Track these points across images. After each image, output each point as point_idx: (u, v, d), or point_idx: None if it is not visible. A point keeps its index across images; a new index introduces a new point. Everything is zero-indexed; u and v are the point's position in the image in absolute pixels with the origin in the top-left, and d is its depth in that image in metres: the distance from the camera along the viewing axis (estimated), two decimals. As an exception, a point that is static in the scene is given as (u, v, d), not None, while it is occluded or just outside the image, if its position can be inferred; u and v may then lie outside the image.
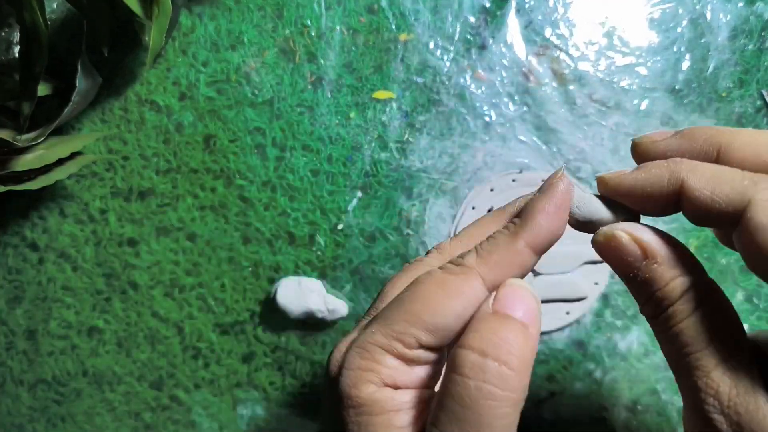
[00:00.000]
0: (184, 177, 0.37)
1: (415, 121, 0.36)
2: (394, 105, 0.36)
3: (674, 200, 0.18)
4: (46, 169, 0.34)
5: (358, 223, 0.36)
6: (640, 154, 0.20)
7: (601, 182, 0.20)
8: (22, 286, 0.37)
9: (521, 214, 0.19)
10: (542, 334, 0.35)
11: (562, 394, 0.35)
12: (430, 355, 0.18)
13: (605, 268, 0.35)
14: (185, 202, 0.37)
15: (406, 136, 0.36)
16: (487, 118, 0.36)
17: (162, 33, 0.33)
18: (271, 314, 0.36)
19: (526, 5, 0.36)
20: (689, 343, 0.17)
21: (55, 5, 0.37)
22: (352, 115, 0.36)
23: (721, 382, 0.17)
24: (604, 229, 0.19)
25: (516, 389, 0.17)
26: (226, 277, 0.36)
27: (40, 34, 0.30)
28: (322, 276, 0.36)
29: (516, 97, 0.36)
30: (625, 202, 0.20)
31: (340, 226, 0.36)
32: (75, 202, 0.37)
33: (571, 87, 0.36)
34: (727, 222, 0.17)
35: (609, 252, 0.19)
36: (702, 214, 0.18)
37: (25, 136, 0.34)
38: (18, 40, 0.38)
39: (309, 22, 0.36)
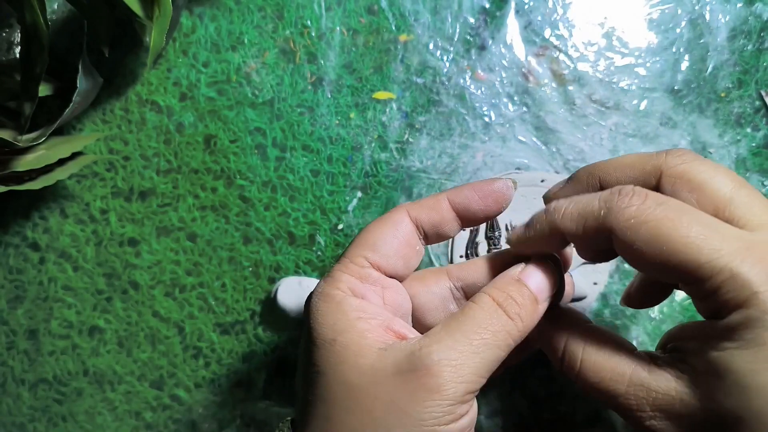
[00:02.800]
0: (184, 177, 0.37)
1: (415, 121, 0.36)
2: (394, 105, 0.36)
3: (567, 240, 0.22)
4: (47, 169, 0.34)
5: (359, 223, 0.36)
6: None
7: (510, 244, 0.24)
8: (23, 286, 0.37)
9: None
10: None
11: (562, 394, 0.35)
12: (380, 276, 0.23)
13: (604, 269, 0.35)
14: (186, 202, 0.37)
15: (406, 136, 0.36)
16: (486, 119, 0.36)
17: (162, 33, 0.33)
18: (272, 314, 0.36)
19: (526, 6, 0.36)
20: (596, 384, 0.22)
21: (55, 6, 0.38)
22: (352, 115, 0.36)
23: (637, 396, 0.20)
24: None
25: (509, 337, 0.21)
26: (226, 277, 0.36)
27: (41, 35, 0.30)
28: (322, 276, 0.36)
29: (515, 98, 0.36)
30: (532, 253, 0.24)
31: (340, 226, 0.36)
32: (76, 202, 0.37)
33: (570, 87, 0.36)
34: (605, 240, 0.21)
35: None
36: (587, 247, 0.22)
37: (26, 137, 0.34)
38: (19, 40, 0.38)
39: (309, 22, 0.37)
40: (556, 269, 0.23)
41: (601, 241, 0.21)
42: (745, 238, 0.19)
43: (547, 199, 0.25)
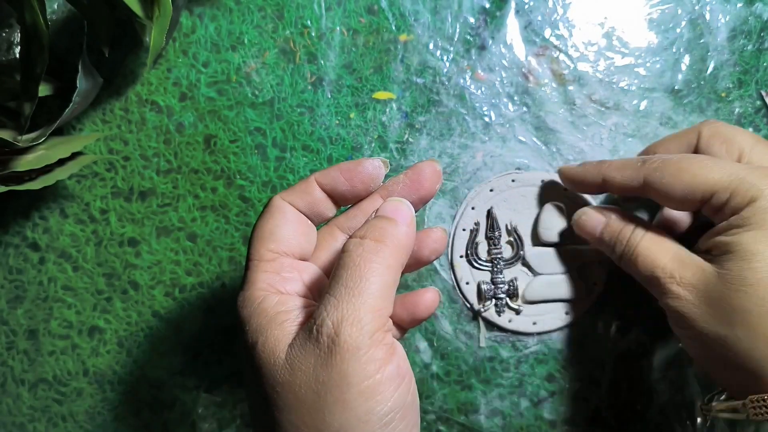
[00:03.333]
0: (184, 177, 0.37)
1: (415, 121, 0.36)
2: (394, 105, 0.36)
3: (600, 186, 0.30)
4: (47, 169, 0.34)
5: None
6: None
7: (560, 172, 0.32)
8: (23, 286, 0.37)
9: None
10: (542, 334, 0.35)
11: (562, 394, 0.35)
12: (292, 261, 0.25)
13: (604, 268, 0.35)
14: (186, 202, 0.37)
15: (406, 136, 0.36)
16: (486, 119, 0.36)
17: (162, 33, 0.33)
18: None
19: (526, 6, 0.36)
20: (647, 256, 0.27)
21: (55, 6, 0.38)
22: (352, 115, 0.36)
23: (673, 268, 0.26)
24: (578, 212, 0.31)
25: (388, 257, 0.21)
26: (226, 277, 0.36)
27: (41, 35, 0.30)
28: (322, 276, 0.36)
29: (515, 98, 0.36)
30: (572, 187, 0.32)
31: (340, 226, 0.36)
32: (76, 202, 0.37)
33: (570, 87, 0.36)
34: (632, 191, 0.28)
35: (584, 224, 0.31)
36: (623, 193, 0.29)
37: (26, 137, 0.34)
38: (18, 40, 0.38)
39: (309, 22, 0.37)
40: (407, 203, 0.24)
41: (636, 189, 0.28)
42: (752, 167, 0.25)
43: (562, 172, 0.32)
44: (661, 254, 0.27)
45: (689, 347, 0.28)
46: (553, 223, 0.34)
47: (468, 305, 0.35)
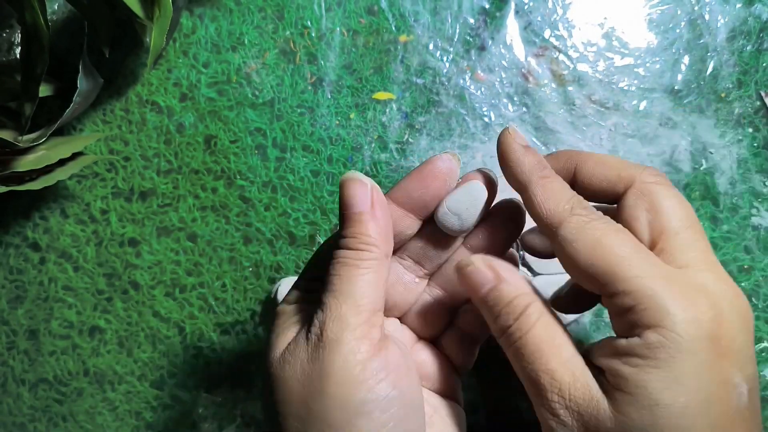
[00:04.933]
0: (185, 177, 0.37)
1: (415, 121, 0.36)
2: (394, 106, 0.36)
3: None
4: (47, 169, 0.34)
5: (358, 224, 0.36)
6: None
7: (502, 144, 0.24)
8: (23, 286, 0.37)
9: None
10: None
11: (562, 394, 0.35)
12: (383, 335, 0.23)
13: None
14: (186, 202, 0.37)
15: (406, 136, 0.36)
16: (486, 119, 0.36)
17: (163, 34, 0.33)
18: (272, 314, 0.36)
19: (525, 6, 0.36)
20: (534, 351, 0.21)
21: (56, 6, 0.38)
22: (352, 115, 0.36)
23: (563, 380, 0.20)
24: (463, 260, 0.23)
25: (367, 259, 0.22)
26: (226, 277, 0.36)
27: (42, 35, 0.30)
28: (322, 276, 0.36)
29: (515, 98, 0.36)
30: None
31: (340, 227, 0.36)
32: (76, 203, 0.37)
33: (570, 88, 0.36)
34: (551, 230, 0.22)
35: (467, 276, 0.23)
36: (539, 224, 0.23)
37: (26, 137, 0.34)
38: (19, 41, 0.38)
39: (309, 23, 0.37)
40: (365, 180, 0.23)
41: (549, 233, 0.22)
42: (671, 273, 0.20)
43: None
44: (553, 354, 0.21)
45: None
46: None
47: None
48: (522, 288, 0.22)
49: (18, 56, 0.38)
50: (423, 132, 0.36)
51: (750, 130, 0.35)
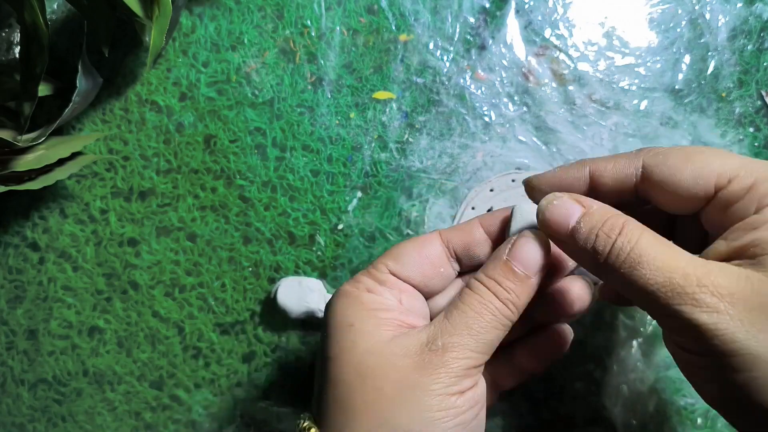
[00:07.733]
0: (184, 177, 0.37)
1: (415, 121, 0.36)
2: (394, 105, 0.36)
3: (583, 188, 0.24)
4: (46, 169, 0.34)
5: (358, 224, 0.36)
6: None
7: (527, 184, 0.25)
8: (22, 286, 0.37)
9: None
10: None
11: (562, 395, 0.35)
12: (397, 281, 0.25)
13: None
14: (186, 202, 0.37)
15: (406, 136, 0.36)
16: (486, 119, 0.36)
17: (162, 33, 0.33)
18: (272, 314, 0.36)
19: (526, 6, 0.36)
20: (654, 255, 0.20)
21: (55, 5, 0.38)
22: (352, 115, 0.36)
23: (697, 273, 0.19)
24: (546, 197, 0.23)
25: (504, 319, 0.23)
26: (226, 277, 0.36)
27: (41, 35, 0.30)
28: (322, 276, 0.36)
29: (516, 98, 0.36)
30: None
31: (340, 226, 0.36)
32: (76, 202, 0.37)
33: (570, 87, 0.36)
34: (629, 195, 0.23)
35: (551, 215, 0.22)
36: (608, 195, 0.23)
37: (25, 137, 0.34)
38: (18, 40, 0.38)
39: (309, 22, 0.36)
40: (544, 238, 0.23)
41: (629, 190, 0.23)
42: None
43: (528, 184, 0.25)
44: (675, 252, 0.20)
45: (702, 386, 0.22)
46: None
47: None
48: (612, 209, 0.22)
49: (17, 56, 0.38)
50: (423, 131, 0.36)
51: (751, 129, 0.35)
